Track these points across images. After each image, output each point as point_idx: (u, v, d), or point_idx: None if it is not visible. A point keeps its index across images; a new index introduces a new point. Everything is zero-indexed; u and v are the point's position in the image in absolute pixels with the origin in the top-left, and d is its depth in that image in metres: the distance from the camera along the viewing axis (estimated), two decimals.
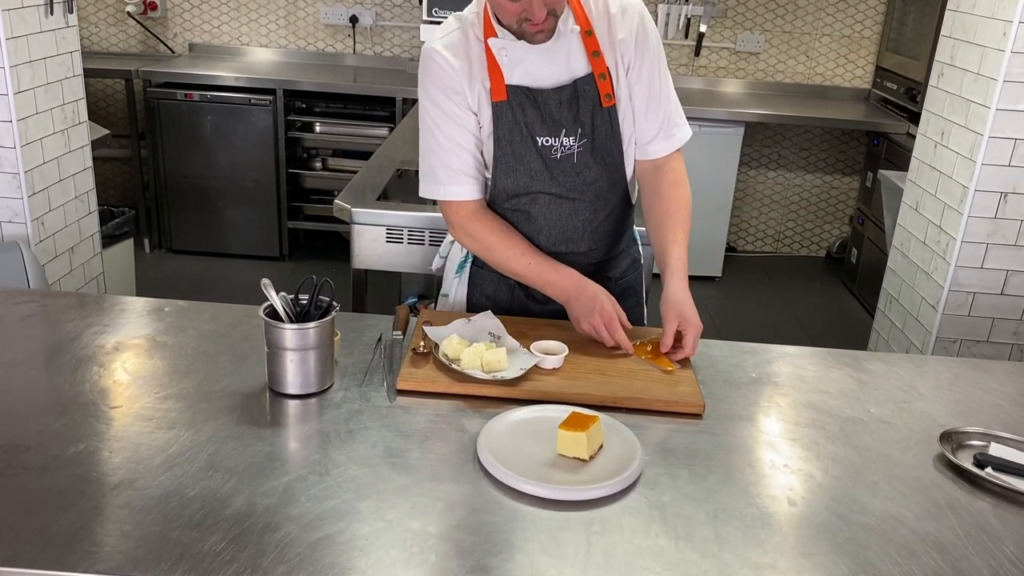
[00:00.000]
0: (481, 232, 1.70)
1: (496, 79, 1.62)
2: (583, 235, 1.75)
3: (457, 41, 1.64)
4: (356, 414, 1.38)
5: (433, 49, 1.65)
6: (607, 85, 1.64)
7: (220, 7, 4.89)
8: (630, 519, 1.16)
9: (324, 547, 1.06)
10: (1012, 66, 2.57)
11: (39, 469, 1.19)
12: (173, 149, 4.46)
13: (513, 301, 1.81)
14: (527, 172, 1.67)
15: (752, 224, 5.26)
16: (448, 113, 1.65)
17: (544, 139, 1.65)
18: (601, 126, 1.66)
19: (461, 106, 1.64)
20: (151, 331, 1.63)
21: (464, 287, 1.85)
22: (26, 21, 2.60)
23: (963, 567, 1.11)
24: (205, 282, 4.38)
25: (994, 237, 2.74)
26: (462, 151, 1.67)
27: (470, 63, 1.63)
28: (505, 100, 1.63)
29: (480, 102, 1.65)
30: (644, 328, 1.74)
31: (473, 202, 1.70)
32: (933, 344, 2.87)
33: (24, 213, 2.67)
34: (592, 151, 1.67)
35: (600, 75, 1.63)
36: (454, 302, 1.87)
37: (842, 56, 4.94)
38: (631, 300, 1.87)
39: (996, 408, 1.54)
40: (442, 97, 1.64)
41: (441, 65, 1.63)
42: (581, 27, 1.62)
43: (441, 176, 1.68)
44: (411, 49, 4.95)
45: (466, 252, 1.85)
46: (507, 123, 1.64)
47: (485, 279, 1.83)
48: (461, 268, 1.86)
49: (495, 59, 1.62)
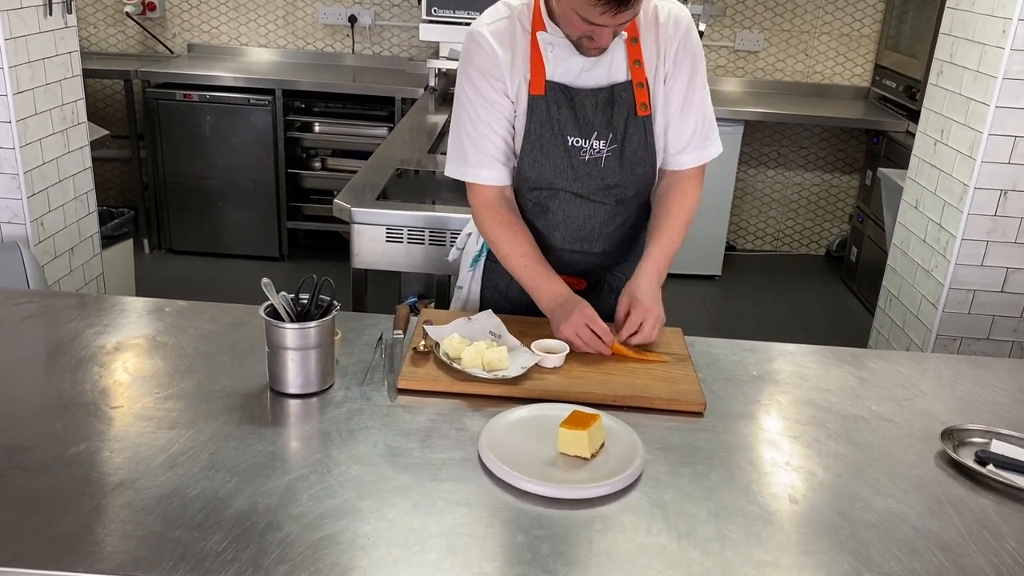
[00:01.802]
0: (492, 222, 1.71)
1: (537, 73, 1.63)
2: (599, 237, 1.75)
3: (504, 29, 1.65)
4: (357, 413, 1.38)
5: (479, 33, 1.65)
6: (644, 95, 1.64)
7: (219, 7, 4.89)
8: (632, 517, 1.16)
9: (326, 546, 1.06)
10: (1012, 63, 2.57)
11: (40, 469, 1.19)
12: (172, 149, 4.45)
13: (524, 297, 1.81)
14: (552, 168, 1.68)
15: (752, 223, 5.26)
16: (486, 98, 1.66)
17: (574, 139, 1.66)
18: (634, 134, 1.66)
19: (500, 92, 1.66)
20: (151, 331, 1.63)
21: (478, 281, 1.87)
22: (25, 22, 2.60)
23: (965, 564, 1.11)
24: (205, 282, 4.37)
25: (994, 235, 2.74)
26: (495, 136, 1.68)
27: (514, 53, 1.64)
28: (543, 95, 1.64)
29: (519, 92, 1.66)
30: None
31: (496, 188, 1.71)
32: (934, 342, 2.87)
33: (24, 214, 2.67)
34: (621, 157, 1.68)
35: (639, 84, 1.63)
36: (467, 295, 1.88)
37: (841, 54, 4.94)
38: None
39: (997, 405, 1.54)
40: (483, 82, 1.65)
41: (485, 50, 1.64)
42: (628, 34, 1.62)
43: (471, 159, 1.70)
44: (410, 48, 4.94)
45: (481, 246, 1.86)
46: (540, 118, 1.65)
47: (498, 274, 1.83)
48: (475, 262, 1.87)
49: (540, 53, 1.63)
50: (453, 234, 2.38)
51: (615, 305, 1.78)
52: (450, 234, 2.39)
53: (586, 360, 1.55)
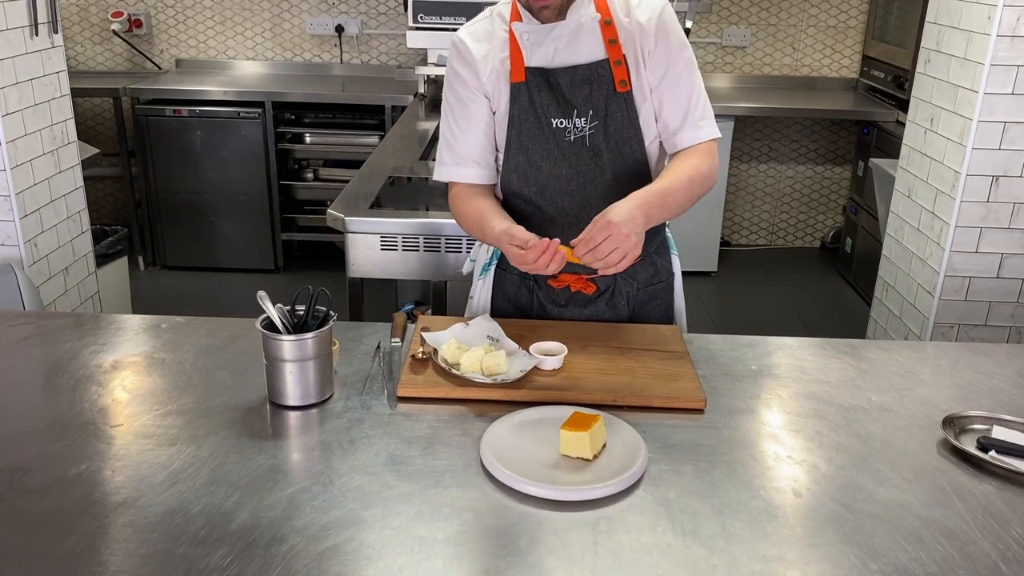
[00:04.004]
0: (457, 208, 1.74)
1: (516, 61, 1.67)
2: None
3: (481, 28, 1.71)
4: (358, 423, 1.37)
5: (457, 37, 1.72)
6: (622, 71, 1.65)
7: (205, 22, 4.89)
8: (636, 517, 1.16)
9: (331, 557, 1.06)
10: (998, 49, 2.57)
11: (41, 491, 1.18)
12: (164, 165, 4.45)
13: (533, 303, 1.81)
14: (539, 151, 1.68)
15: (746, 218, 5.27)
16: (461, 99, 1.71)
17: (558, 120, 1.66)
18: (616, 111, 1.66)
19: (474, 90, 1.69)
20: (149, 348, 1.63)
21: (488, 289, 1.86)
22: (11, 43, 2.60)
23: (971, 551, 1.11)
24: (201, 297, 4.37)
25: (987, 221, 2.75)
26: (470, 136, 1.72)
27: (491, 45, 1.68)
28: (523, 81, 1.66)
29: (499, 82, 1.68)
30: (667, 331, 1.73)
31: (470, 185, 1.73)
32: (931, 330, 2.87)
33: (17, 235, 2.67)
34: (605, 135, 1.67)
35: (615, 62, 1.64)
36: (478, 304, 1.88)
37: (828, 47, 4.95)
38: (658, 309, 1.83)
39: (997, 391, 1.54)
40: (457, 83, 1.71)
41: (460, 51, 1.70)
42: (601, 15, 1.64)
43: (446, 159, 1.74)
44: (398, 56, 4.95)
45: (490, 255, 1.86)
46: (523, 104, 1.67)
47: (507, 281, 1.84)
48: (485, 270, 1.87)
49: (517, 43, 1.66)
50: (448, 240, 2.38)
51: (626, 313, 1.79)
52: (445, 240, 2.38)
53: (585, 361, 1.55)
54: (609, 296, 1.79)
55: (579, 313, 1.78)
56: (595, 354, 1.58)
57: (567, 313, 1.79)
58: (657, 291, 1.84)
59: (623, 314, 1.80)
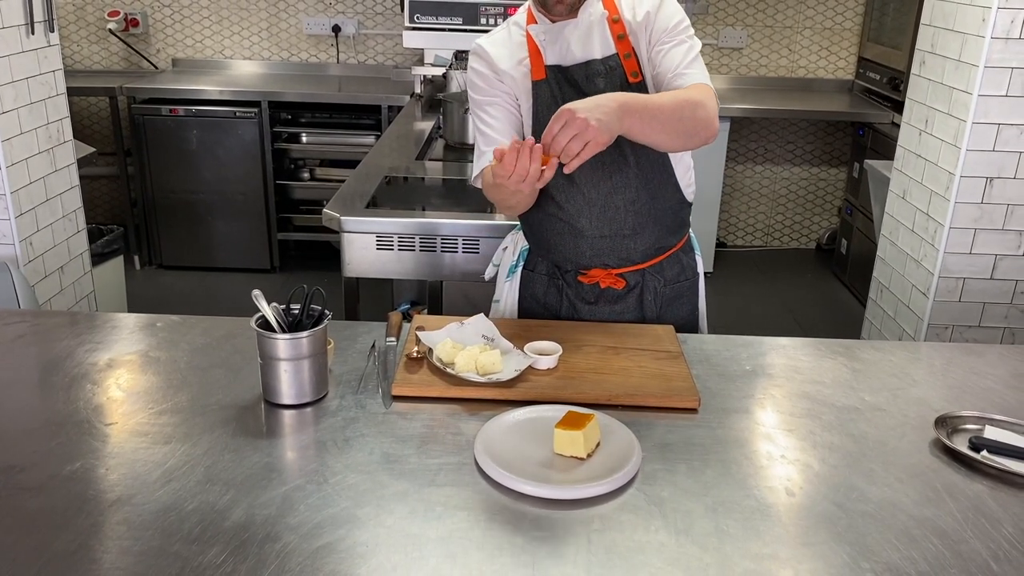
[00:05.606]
0: (487, 185, 1.73)
1: (536, 60, 1.73)
2: (626, 215, 1.75)
3: (499, 36, 1.79)
4: (352, 422, 1.38)
5: (476, 44, 1.80)
6: (633, 63, 1.71)
7: (202, 21, 4.88)
8: (630, 516, 1.16)
9: (325, 555, 1.06)
10: (992, 52, 2.58)
11: (35, 489, 1.18)
12: (160, 165, 4.45)
13: (562, 302, 1.82)
14: None
15: (741, 219, 5.28)
16: (486, 94, 1.77)
17: None
18: None
19: (496, 85, 1.76)
20: (144, 347, 1.63)
21: (515, 291, 1.88)
22: (7, 41, 2.59)
23: (962, 550, 1.11)
24: (197, 297, 4.36)
25: (981, 222, 2.76)
26: (498, 123, 1.76)
27: (511, 49, 1.75)
28: (544, 79, 1.72)
29: (521, 82, 1.74)
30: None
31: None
32: (925, 331, 2.88)
33: (12, 234, 2.66)
34: None
35: (625, 55, 1.71)
36: (505, 307, 1.90)
37: (824, 48, 4.96)
38: (684, 308, 1.87)
39: (990, 391, 1.54)
40: (480, 81, 1.77)
41: (480, 55, 1.78)
42: (609, 14, 1.71)
43: (482, 148, 1.77)
44: (395, 56, 4.95)
45: (517, 256, 1.89)
46: (545, 100, 1.72)
47: (535, 282, 1.86)
48: (512, 272, 1.89)
49: (535, 44, 1.73)
50: (444, 240, 2.38)
51: (654, 311, 1.82)
52: (440, 240, 2.39)
53: (579, 361, 1.56)
54: (639, 292, 1.81)
55: (609, 311, 1.81)
56: (589, 354, 1.58)
57: (597, 311, 1.81)
58: (683, 289, 1.88)
59: (651, 312, 1.82)
